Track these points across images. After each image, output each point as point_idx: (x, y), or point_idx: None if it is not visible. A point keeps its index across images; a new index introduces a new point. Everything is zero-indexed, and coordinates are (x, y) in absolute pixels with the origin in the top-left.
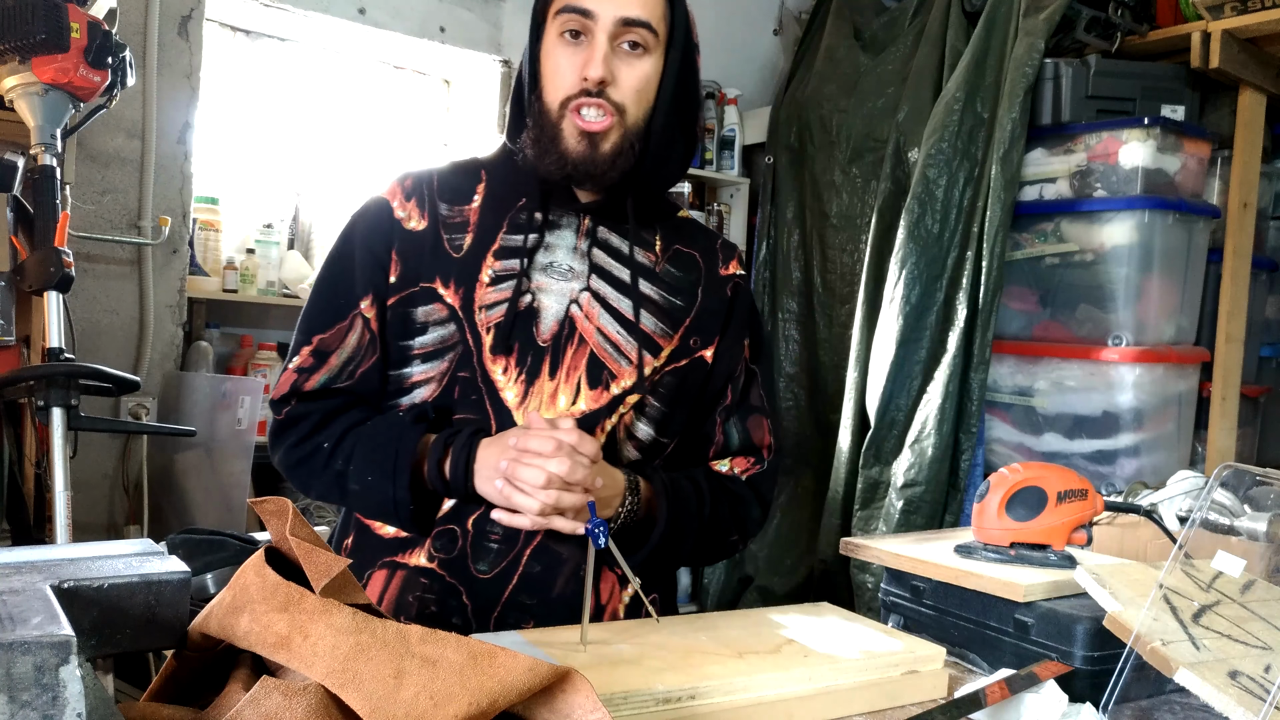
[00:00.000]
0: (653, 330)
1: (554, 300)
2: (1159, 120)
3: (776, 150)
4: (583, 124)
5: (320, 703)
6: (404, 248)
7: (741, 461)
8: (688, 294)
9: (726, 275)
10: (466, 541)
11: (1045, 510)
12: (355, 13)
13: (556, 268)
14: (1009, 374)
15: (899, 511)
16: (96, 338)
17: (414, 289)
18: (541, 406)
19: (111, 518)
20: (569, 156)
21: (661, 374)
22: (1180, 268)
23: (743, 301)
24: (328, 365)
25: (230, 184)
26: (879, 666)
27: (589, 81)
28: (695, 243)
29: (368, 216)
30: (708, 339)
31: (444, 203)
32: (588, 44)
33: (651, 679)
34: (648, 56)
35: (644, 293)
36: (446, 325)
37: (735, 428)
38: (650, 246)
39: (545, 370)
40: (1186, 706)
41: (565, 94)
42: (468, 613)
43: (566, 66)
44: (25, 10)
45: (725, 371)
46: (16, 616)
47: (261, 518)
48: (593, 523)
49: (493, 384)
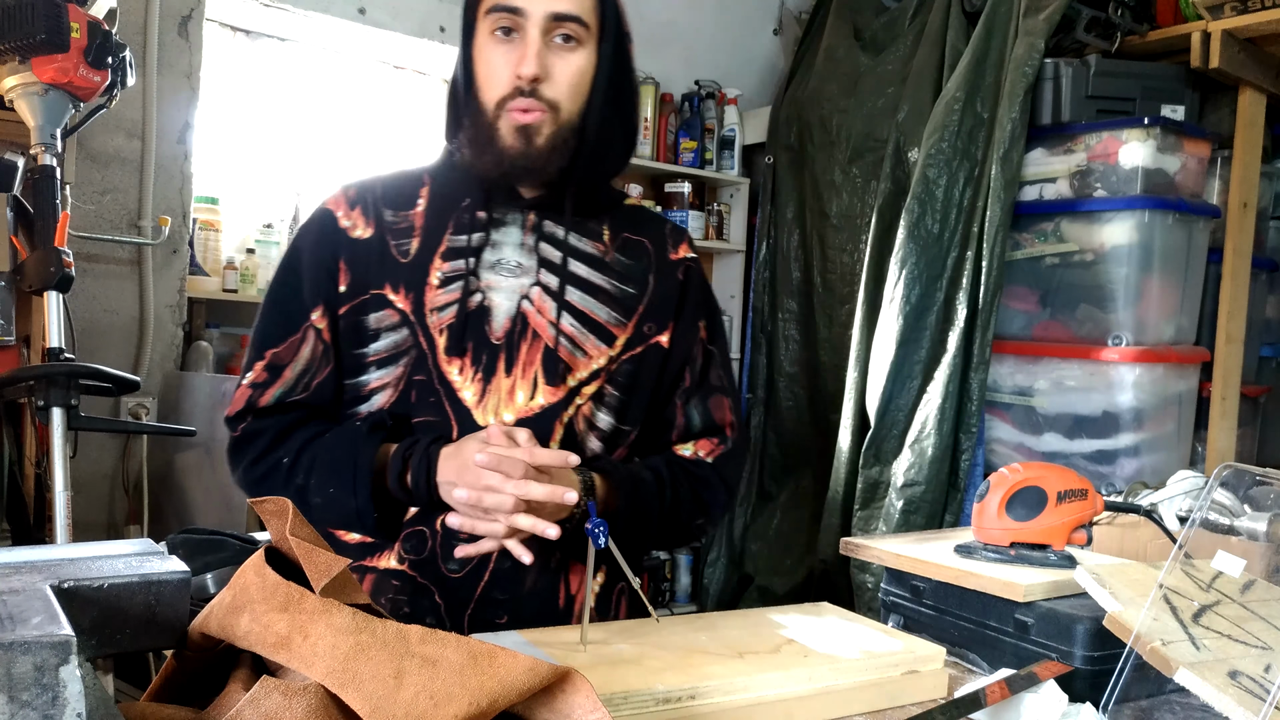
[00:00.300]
0: (606, 320)
1: (504, 297)
2: (1159, 120)
3: (776, 150)
4: (517, 119)
5: (320, 703)
6: (351, 256)
7: (705, 443)
8: (639, 281)
9: (677, 259)
10: (436, 542)
11: (1045, 510)
12: (355, 13)
13: (505, 265)
14: (1009, 374)
15: (899, 511)
16: (96, 338)
17: (364, 297)
18: (500, 404)
19: (111, 518)
20: (506, 154)
21: (618, 362)
22: (1180, 268)
23: (695, 284)
24: (282, 379)
25: (230, 184)
26: (879, 666)
27: (523, 79)
28: (644, 229)
29: (313, 228)
30: (662, 324)
31: (389, 209)
32: (520, 41)
33: (651, 679)
34: (580, 50)
35: (594, 283)
36: (399, 330)
37: (696, 409)
38: (598, 236)
39: (501, 367)
40: (1186, 706)
41: (500, 93)
42: (441, 611)
43: (500, 65)
44: (25, 10)
45: (682, 355)
46: (16, 616)
47: (261, 518)
48: (593, 522)
49: (450, 385)
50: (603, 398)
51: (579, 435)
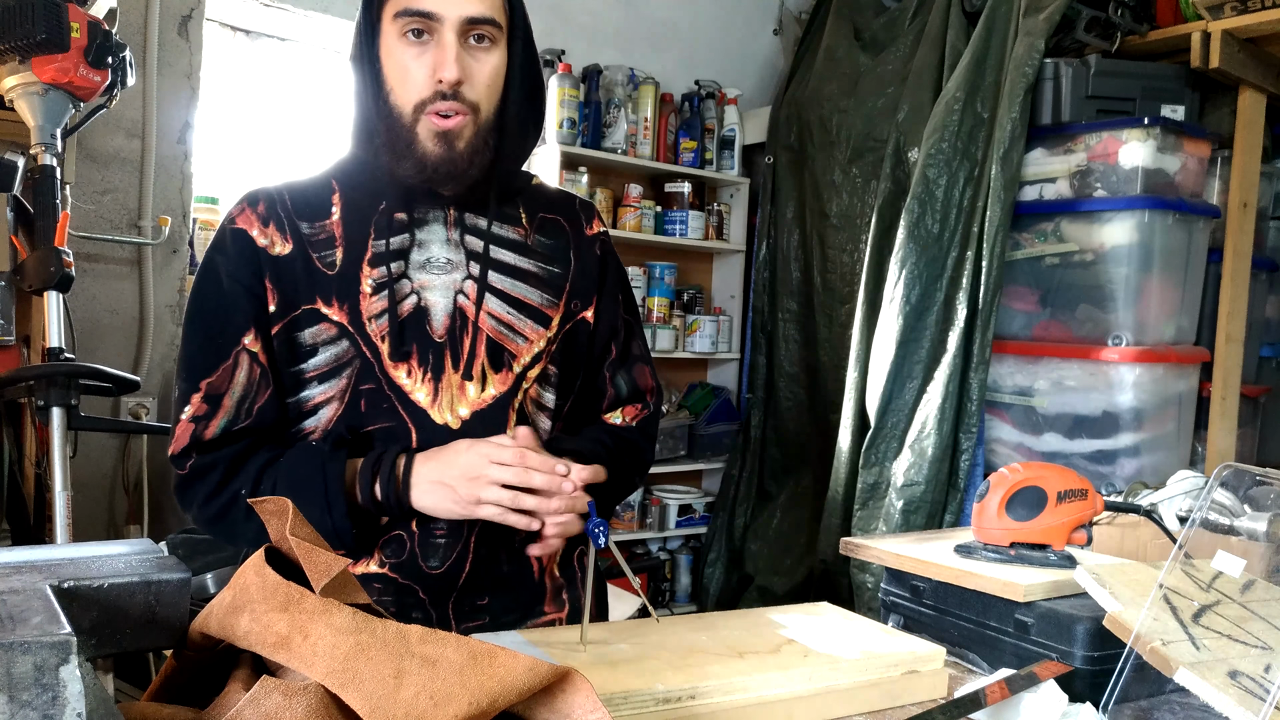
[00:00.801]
0: (539, 302)
1: (439, 295)
2: (1159, 120)
3: (776, 150)
4: (438, 125)
5: (320, 702)
6: (276, 274)
7: (631, 410)
8: (561, 260)
9: (593, 235)
10: (414, 543)
11: (1045, 510)
12: (355, 13)
13: (435, 263)
14: (1009, 374)
15: (899, 511)
16: (96, 338)
17: (295, 313)
18: (454, 400)
19: (111, 518)
20: (427, 160)
21: (556, 342)
22: (1180, 268)
23: (611, 258)
24: (223, 408)
25: (230, 184)
26: (879, 666)
27: (444, 84)
28: (556, 208)
29: (228, 250)
30: (586, 300)
31: (303, 221)
32: (435, 45)
33: (651, 679)
34: (494, 50)
35: (522, 267)
36: (339, 343)
37: (623, 379)
38: (517, 221)
39: (448, 364)
40: (1186, 706)
41: (419, 97)
42: (426, 606)
43: (416, 68)
44: (25, 10)
45: (607, 329)
46: (16, 616)
47: (261, 518)
48: (592, 522)
49: (400, 389)
50: (547, 378)
51: (530, 417)
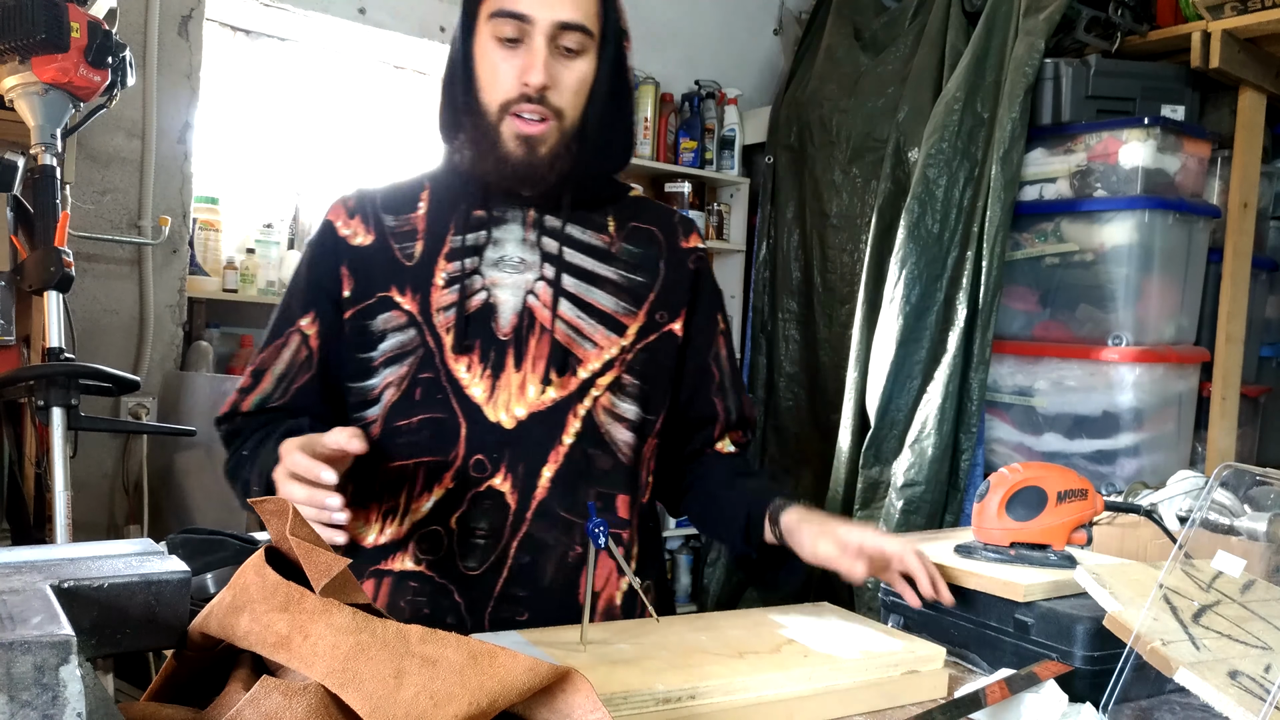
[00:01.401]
0: (614, 310)
1: (510, 294)
2: (1159, 120)
3: (776, 150)
4: (522, 128)
5: (320, 703)
6: (354, 263)
7: (736, 435)
8: (648, 270)
9: (688, 248)
10: (452, 540)
11: (1045, 510)
12: (355, 13)
13: (508, 261)
14: (1009, 374)
15: (899, 511)
16: (96, 338)
17: (370, 301)
18: (510, 399)
19: (111, 518)
20: (508, 160)
21: (632, 351)
22: (1180, 268)
23: (707, 276)
24: (263, 383)
25: (230, 184)
26: (879, 666)
27: (530, 88)
28: (651, 219)
29: (314, 242)
30: (674, 313)
31: (389, 215)
32: (525, 48)
33: (651, 679)
34: (583, 57)
35: (599, 273)
36: (406, 331)
37: (732, 404)
38: (602, 228)
39: (510, 363)
40: (1186, 706)
41: (505, 98)
42: (461, 610)
43: (505, 71)
44: (25, 10)
45: (703, 347)
46: (16, 616)
47: (261, 518)
48: (593, 522)
49: (457, 382)
50: (622, 387)
51: (601, 426)
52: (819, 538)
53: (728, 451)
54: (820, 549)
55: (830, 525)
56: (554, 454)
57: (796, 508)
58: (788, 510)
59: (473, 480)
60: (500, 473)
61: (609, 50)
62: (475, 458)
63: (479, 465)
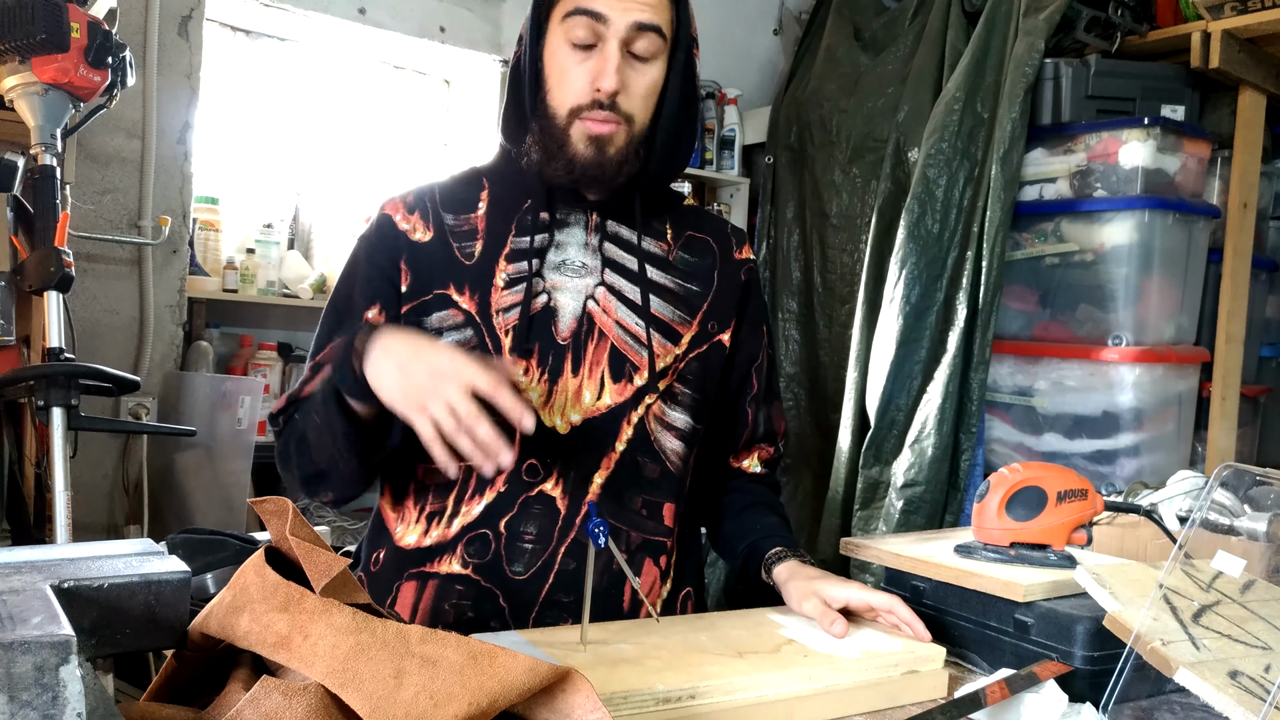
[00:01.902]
0: (670, 318)
1: (570, 298)
2: (1159, 120)
3: (776, 150)
4: (592, 128)
5: (320, 703)
6: (413, 258)
7: (763, 450)
8: (703, 279)
9: (740, 259)
10: (500, 544)
11: (1045, 510)
12: (355, 13)
13: (569, 265)
14: (1009, 374)
15: (899, 511)
16: (96, 338)
17: (427, 297)
18: (567, 404)
19: (111, 518)
20: (577, 161)
21: (685, 360)
22: (1180, 268)
23: (756, 288)
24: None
25: (230, 184)
26: (879, 666)
27: (602, 94)
28: (706, 228)
29: (371, 234)
30: (724, 323)
31: (449, 213)
32: (599, 52)
33: (651, 679)
34: (655, 62)
35: (659, 282)
36: (463, 330)
37: (763, 415)
38: (661, 235)
39: (568, 368)
40: (1186, 706)
41: (576, 102)
42: (505, 615)
43: (577, 75)
44: (25, 10)
45: (748, 357)
46: (16, 616)
47: (261, 518)
48: (593, 522)
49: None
50: (675, 396)
51: (652, 434)
52: (805, 598)
53: (754, 472)
54: (805, 608)
55: (818, 584)
56: (606, 460)
57: (791, 561)
58: (782, 563)
59: (524, 484)
60: (552, 478)
61: (680, 56)
62: (529, 462)
63: (531, 470)
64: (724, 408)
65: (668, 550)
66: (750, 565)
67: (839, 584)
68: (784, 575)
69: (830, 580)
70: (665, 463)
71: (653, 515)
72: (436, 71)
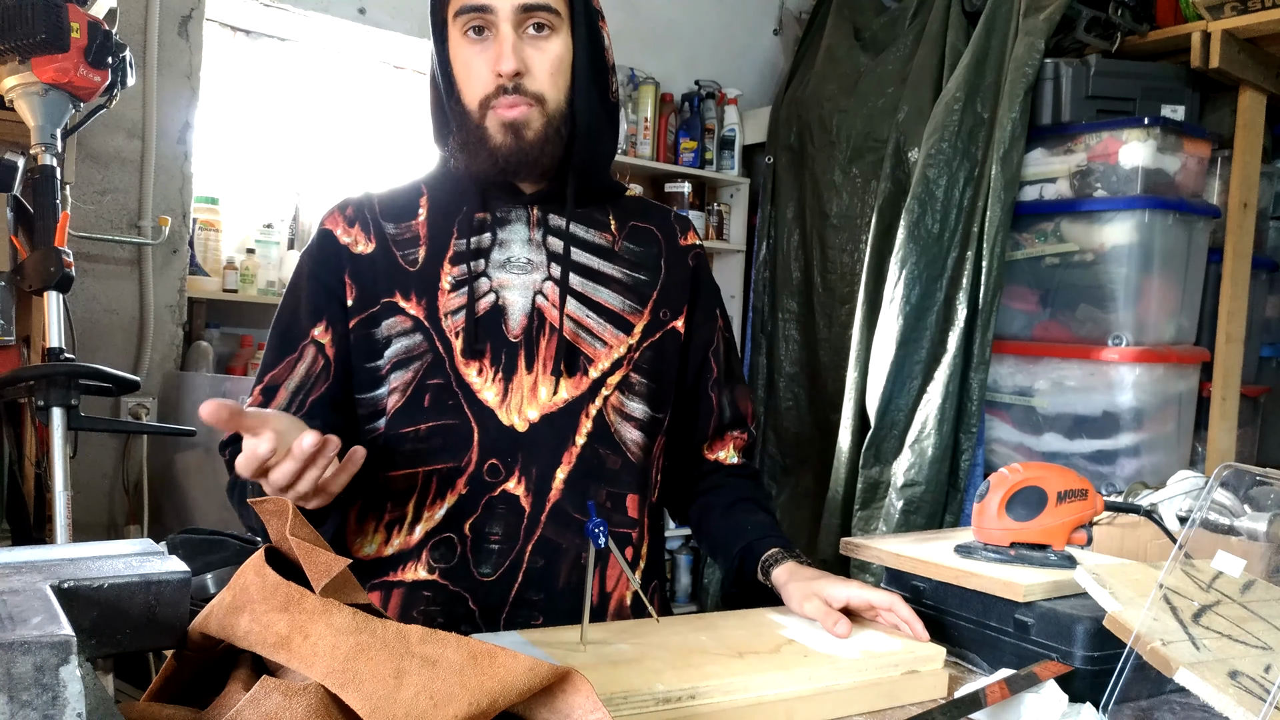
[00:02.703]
0: (620, 308)
1: (518, 295)
2: (1159, 120)
3: (776, 150)
4: (504, 114)
5: (320, 703)
6: (356, 271)
7: (735, 439)
8: (650, 269)
9: (686, 245)
10: (466, 547)
11: (1045, 510)
12: (355, 13)
13: (515, 262)
14: (1009, 374)
15: (899, 511)
16: (96, 338)
17: (374, 308)
18: (523, 401)
19: (111, 518)
20: (498, 152)
21: (640, 350)
22: (1180, 268)
23: (705, 272)
24: (277, 399)
25: (230, 184)
26: (879, 666)
27: (503, 76)
28: (650, 218)
29: (313, 250)
30: (676, 310)
31: (389, 222)
32: (493, 39)
33: (651, 679)
34: (555, 36)
35: (605, 272)
36: (412, 335)
37: (727, 400)
38: (604, 226)
39: (521, 365)
40: (1186, 706)
41: (483, 93)
42: (475, 618)
43: (478, 65)
44: (25, 10)
45: (703, 343)
46: (16, 616)
47: (261, 518)
48: (592, 522)
49: (469, 387)
50: (631, 386)
51: (611, 425)
52: (806, 599)
53: (731, 464)
54: (807, 609)
55: (818, 584)
56: (567, 455)
57: (789, 563)
58: (780, 566)
59: (486, 485)
60: (514, 476)
61: (581, 29)
62: (489, 462)
63: (493, 470)
64: (686, 396)
65: (634, 542)
66: (746, 566)
67: (839, 583)
68: (783, 577)
69: (830, 580)
70: (626, 454)
71: (617, 508)
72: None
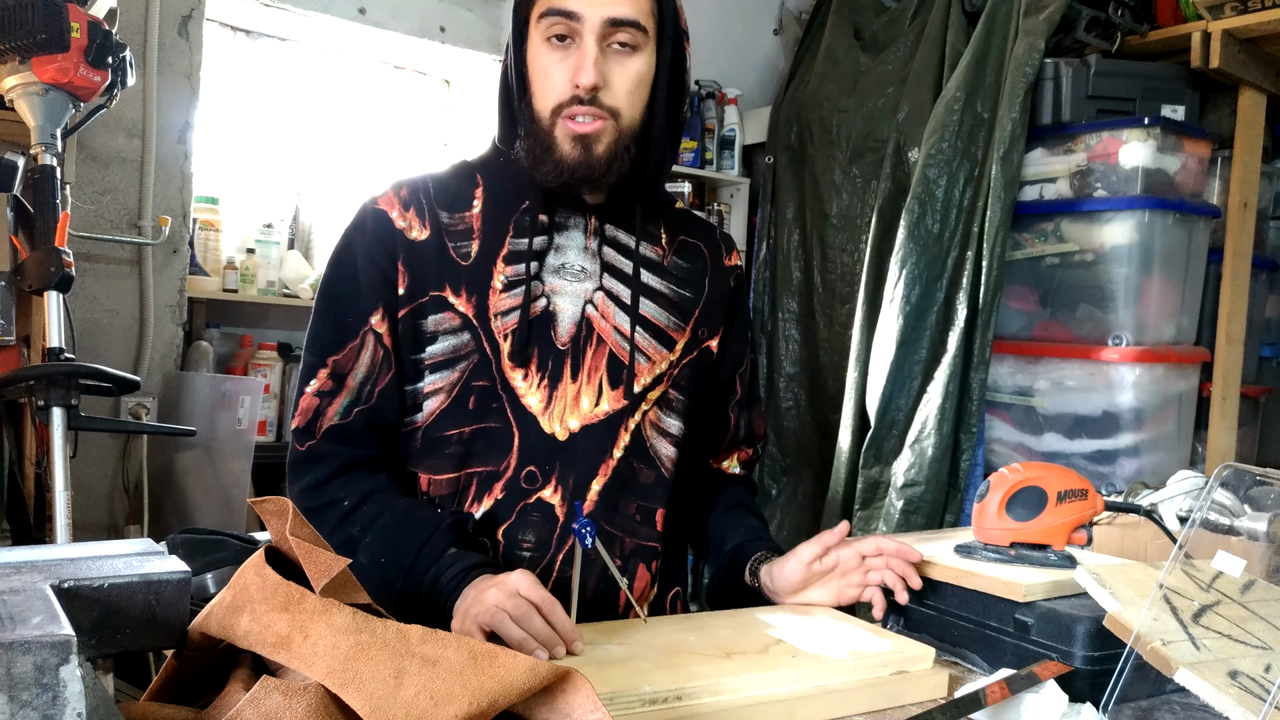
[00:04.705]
0: (666, 324)
1: (569, 302)
2: (1159, 120)
3: (776, 150)
4: (575, 128)
5: (320, 703)
6: (409, 258)
7: (742, 452)
8: (695, 285)
9: (730, 266)
10: (498, 554)
11: (1045, 510)
12: (355, 13)
13: (569, 269)
14: (1009, 374)
15: (899, 511)
16: (96, 338)
17: (423, 299)
18: (565, 410)
19: (111, 518)
20: (564, 163)
21: (679, 367)
22: (1180, 268)
23: (744, 295)
24: (346, 388)
25: (230, 184)
26: (867, 667)
27: (581, 89)
28: (698, 233)
29: (367, 229)
30: (713, 330)
31: (444, 210)
32: (576, 48)
33: (639, 680)
34: (639, 55)
35: (655, 287)
36: (460, 334)
37: (744, 420)
38: (656, 240)
39: (567, 373)
40: (1186, 706)
41: (557, 101)
42: None
43: (556, 73)
44: (25, 10)
45: (732, 363)
46: (16, 616)
47: (261, 518)
48: (579, 522)
49: (514, 391)
50: (669, 402)
51: (647, 440)
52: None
53: (733, 473)
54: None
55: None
56: (604, 467)
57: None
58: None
59: (523, 491)
60: (551, 485)
61: (666, 51)
62: (528, 469)
63: (530, 477)
64: (707, 412)
65: (658, 555)
66: (735, 566)
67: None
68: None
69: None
70: (660, 468)
71: (646, 521)
72: (436, 71)
